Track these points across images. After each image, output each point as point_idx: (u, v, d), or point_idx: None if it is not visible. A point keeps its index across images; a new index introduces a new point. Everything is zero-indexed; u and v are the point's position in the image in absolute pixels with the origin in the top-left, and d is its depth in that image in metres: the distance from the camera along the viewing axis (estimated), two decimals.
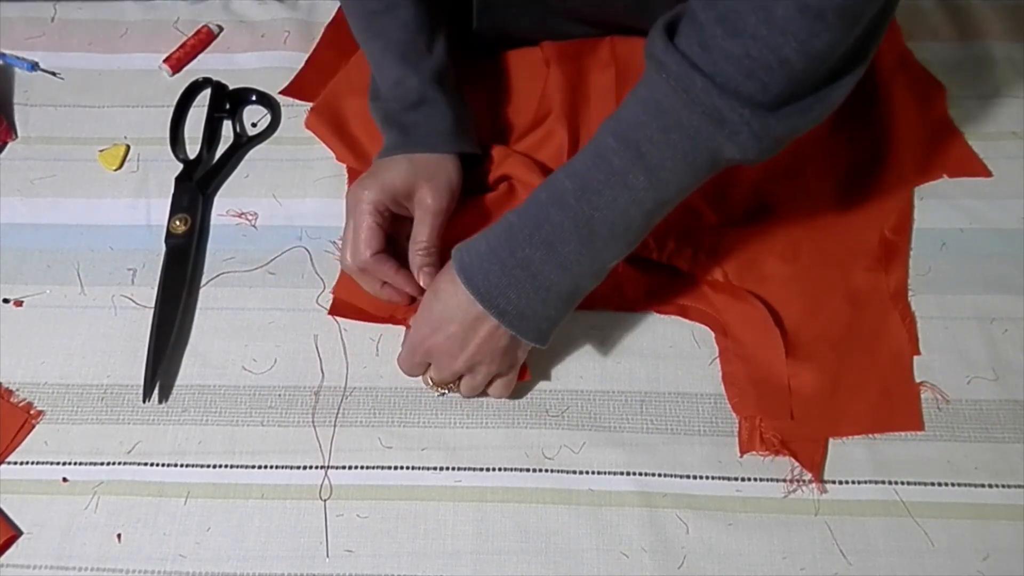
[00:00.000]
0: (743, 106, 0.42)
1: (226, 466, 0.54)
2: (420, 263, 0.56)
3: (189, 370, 0.57)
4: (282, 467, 0.53)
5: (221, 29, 0.74)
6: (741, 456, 0.53)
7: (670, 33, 0.44)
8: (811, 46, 0.40)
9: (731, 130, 0.43)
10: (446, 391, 0.55)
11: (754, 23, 0.40)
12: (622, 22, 0.67)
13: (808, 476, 0.52)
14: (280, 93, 0.70)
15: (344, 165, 0.66)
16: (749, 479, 0.53)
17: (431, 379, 0.54)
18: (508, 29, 0.68)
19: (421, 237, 0.56)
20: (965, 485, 0.52)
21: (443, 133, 0.58)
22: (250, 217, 0.64)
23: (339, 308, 0.59)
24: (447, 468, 0.53)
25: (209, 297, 0.60)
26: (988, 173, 0.65)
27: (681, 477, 0.53)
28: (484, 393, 0.54)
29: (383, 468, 0.53)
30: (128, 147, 0.68)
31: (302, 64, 0.71)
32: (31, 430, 0.55)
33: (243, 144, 0.68)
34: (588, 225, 0.47)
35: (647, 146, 0.45)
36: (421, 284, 0.55)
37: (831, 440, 0.54)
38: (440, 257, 0.56)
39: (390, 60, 0.58)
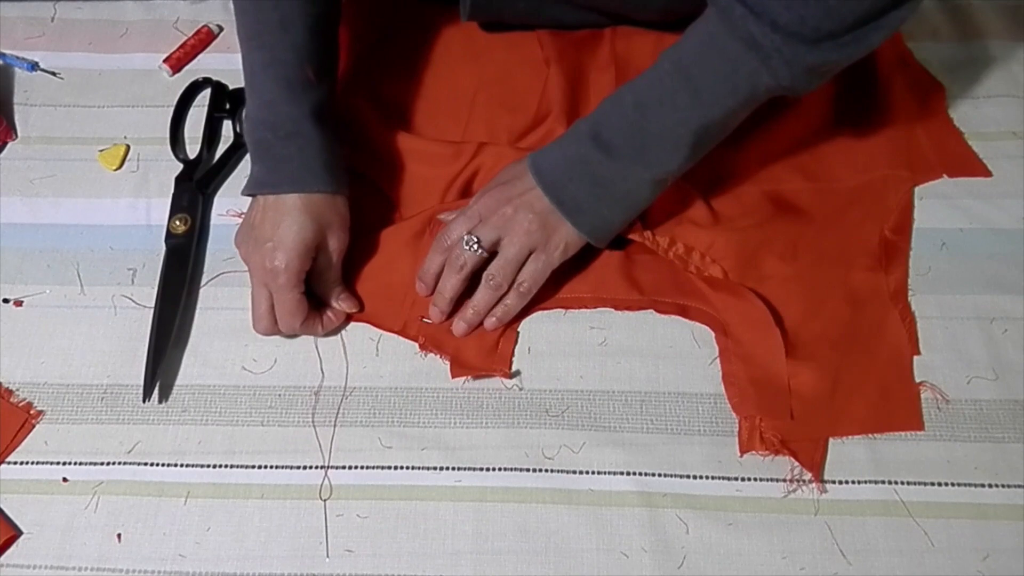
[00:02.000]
0: (775, 31, 0.47)
1: (226, 466, 0.54)
2: (336, 294, 0.57)
3: (189, 370, 0.57)
4: (282, 467, 0.53)
5: (221, 29, 0.74)
6: (741, 456, 0.53)
7: None
8: None
9: (764, 55, 0.48)
10: (480, 249, 0.55)
11: None
12: (616, 10, 0.67)
13: (808, 476, 0.52)
14: None
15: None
16: (749, 479, 0.53)
17: (468, 231, 0.55)
18: (502, 15, 0.68)
19: (331, 276, 0.57)
20: (965, 485, 0.52)
21: (317, 171, 0.55)
22: None
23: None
24: (447, 468, 0.53)
25: (209, 297, 0.60)
26: (988, 173, 0.65)
27: (681, 477, 0.53)
28: (504, 297, 0.56)
29: (383, 468, 0.53)
30: (128, 147, 0.68)
31: None
32: (31, 430, 0.55)
33: (243, 144, 0.67)
34: (641, 135, 0.53)
35: (694, 70, 0.51)
36: (345, 310, 0.58)
37: (831, 440, 0.54)
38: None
39: (271, 79, 0.55)
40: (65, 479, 0.53)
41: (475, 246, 0.55)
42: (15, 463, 0.54)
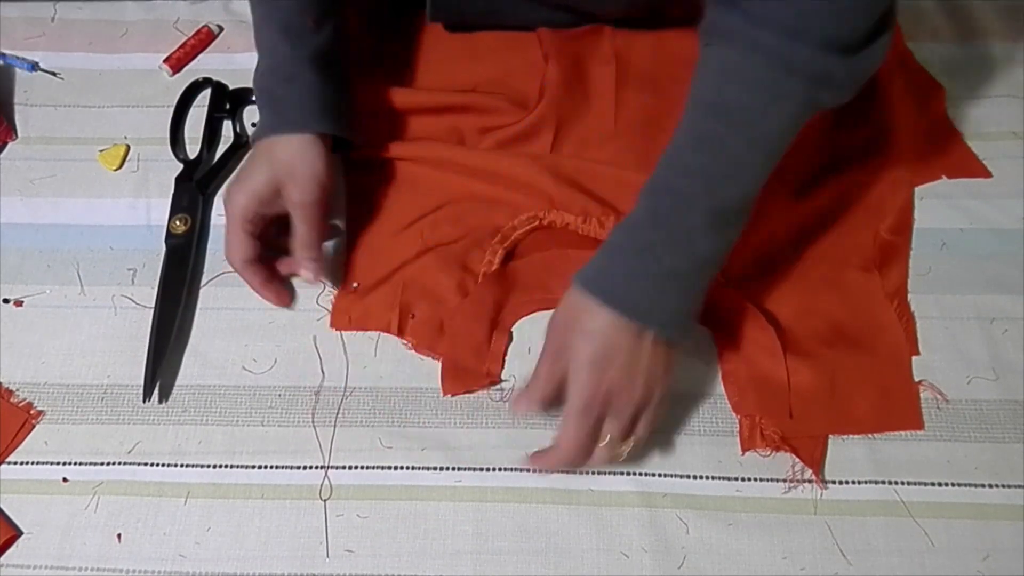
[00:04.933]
0: (843, 57, 0.46)
1: (226, 466, 0.54)
2: (301, 256, 0.57)
3: (189, 370, 0.57)
4: (282, 467, 0.53)
5: (221, 29, 0.74)
6: (743, 454, 0.53)
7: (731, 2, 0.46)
8: None
9: (837, 84, 0.47)
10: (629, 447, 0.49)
11: None
12: (579, 6, 0.67)
13: (808, 474, 0.52)
14: None
15: None
16: (749, 479, 0.53)
17: (610, 437, 0.48)
18: (463, 15, 0.68)
19: (299, 232, 0.57)
20: (965, 485, 0.52)
21: (311, 111, 0.57)
22: None
23: (340, 325, 0.59)
24: (447, 468, 0.53)
25: (209, 297, 0.60)
26: (987, 174, 0.65)
27: (681, 477, 0.53)
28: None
29: (383, 468, 0.53)
30: (128, 147, 0.68)
31: None
32: (31, 430, 0.55)
33: (243, 144, 0.67)
34: (722, 216, 0.49)
35: (759, 123, 0.47)
36: (304, 278, 0.58)
37: (831, 439, 0.54)
38: (319, 250, 0.57)
39: (271, 27, 0.58)
40: (65, 479, 0.53)
41: (622, 449, 0.49)
42: (15, 463, 0.54)
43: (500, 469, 0.53)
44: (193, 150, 0.67)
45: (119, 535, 0.51)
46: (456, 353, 0.56)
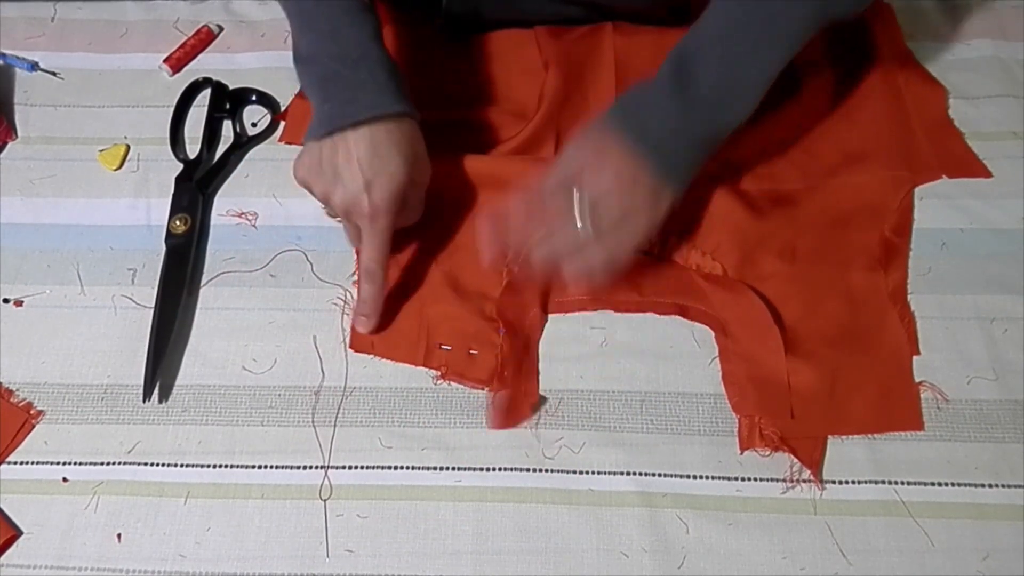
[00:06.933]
0: None
1: (226, 466, 0.54)
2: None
3: (189, 370, 0.57)
4: (282, 467, 0.53)
5: (221, 29, 0.74)
6: (741, 453, 0.53)
7: None
8: None
9: None
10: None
11: None
12: (600, 0, 0.67)
13: (807, 474, 0.52)
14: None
15: None
16: (749, 479, 0.53)
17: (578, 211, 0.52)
18: (479, 8, 0.68)
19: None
20: (965, 485, 0.52)
21: (396, 93, 0.54)
22: (250, 217, 0.64)
23: (361, 349, 0.58)
24: (447, 468, 0.53)
25: (209, 297, 0.60)
26: (988, 174, 0.65)
27: (681, 477, 0.53)
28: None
29: (383, 468, 0.53)
30: (128, 147, 0.68)
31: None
32: (31, 430, 0.55)
33: (243, 144, 0.68)
34: (733, 92, 0.54)
35: (776, 18, 0.53)
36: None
37: (831, 439, 0.54)
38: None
39: (328, 9, 0.55)
40: (65, 479, 0.53)
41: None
42: (15, 463, 0.54)
43: (500, 469, 0.53)
44: (193, 150, 0.67)
45: (119, 535, 0.51)
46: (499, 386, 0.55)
